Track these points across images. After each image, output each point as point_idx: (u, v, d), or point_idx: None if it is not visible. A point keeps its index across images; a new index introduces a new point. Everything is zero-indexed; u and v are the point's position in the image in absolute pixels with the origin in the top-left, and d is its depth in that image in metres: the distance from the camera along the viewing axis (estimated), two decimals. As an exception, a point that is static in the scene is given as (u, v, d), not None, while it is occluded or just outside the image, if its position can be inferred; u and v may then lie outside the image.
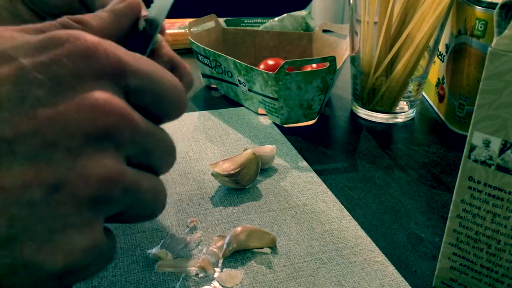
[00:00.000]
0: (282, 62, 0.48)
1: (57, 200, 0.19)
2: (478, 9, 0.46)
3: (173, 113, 0.24)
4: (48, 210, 0.19)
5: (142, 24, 0.28)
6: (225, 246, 0.32)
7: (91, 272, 0.22)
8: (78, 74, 0.20)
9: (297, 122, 0.52)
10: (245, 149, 0.41)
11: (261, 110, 0.54)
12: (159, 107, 0.23)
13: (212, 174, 0.39)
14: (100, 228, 0.21)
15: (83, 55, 0.20)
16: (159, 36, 0.29)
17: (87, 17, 0.25)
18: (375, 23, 0.50)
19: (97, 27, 0.26)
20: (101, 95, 0.20)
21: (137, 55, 0.23)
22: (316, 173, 0.43)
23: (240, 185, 0.39)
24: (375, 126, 0.54)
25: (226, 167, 0.39)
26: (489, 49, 0.24)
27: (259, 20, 0.83)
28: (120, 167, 0.21)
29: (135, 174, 0.22)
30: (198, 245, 0.33)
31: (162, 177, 0.25)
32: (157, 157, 0.23)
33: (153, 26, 0.28)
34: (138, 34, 0.28)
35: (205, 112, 0.55)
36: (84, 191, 0.20)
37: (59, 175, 0.19)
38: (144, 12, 0.29)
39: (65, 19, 0.24)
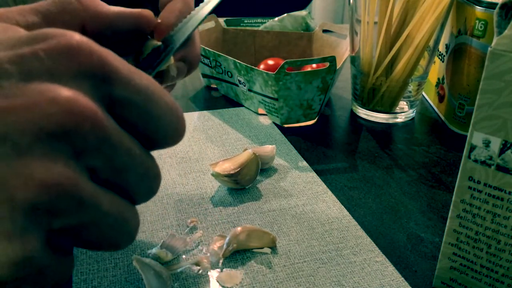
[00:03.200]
0: (282, 62, 0.48)
1: None
2: (478, 9, 0.46)
3: (166, 140, 0.22)
4: None
5: (152, 44, 0.28)
6: (225, 246, 0.32)
7: None
8: (53, 70, 0.18)
9: (297, 122, 0.52)
10: (245, 149, 0.41)
11: (261, 110, 0.54)
12: (149, 129, 0.21)
13: (212, 174, 0.39)
14: (36, 239, 0.18)
15: (64, 51, 0.19)
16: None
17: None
18: (375, 23, 0.50)
19: (93, 12, 0.26)
20: (65, 92, 0.18)
21: (133, 67, 0.21)
22: (316, 173, 0.43)
23: (240, 185, 0.39)
24: (375, 126, 0.54)
25: (226, 167, 0.39)
26: (489, 49, 0.24)
27: (259, 20, 0.83)
28: (72, 175, 0.18)
29: (94, 189, 0.19)
30: (198, 245, 0.33)
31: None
32: (132, 179, 0.20)
33: (168, 48, 0.27)
34: (153, 52, 0.28)
35: (205, 112, 0.55)
36: (21, 195, 0.17)
37: None
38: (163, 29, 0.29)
39: None
